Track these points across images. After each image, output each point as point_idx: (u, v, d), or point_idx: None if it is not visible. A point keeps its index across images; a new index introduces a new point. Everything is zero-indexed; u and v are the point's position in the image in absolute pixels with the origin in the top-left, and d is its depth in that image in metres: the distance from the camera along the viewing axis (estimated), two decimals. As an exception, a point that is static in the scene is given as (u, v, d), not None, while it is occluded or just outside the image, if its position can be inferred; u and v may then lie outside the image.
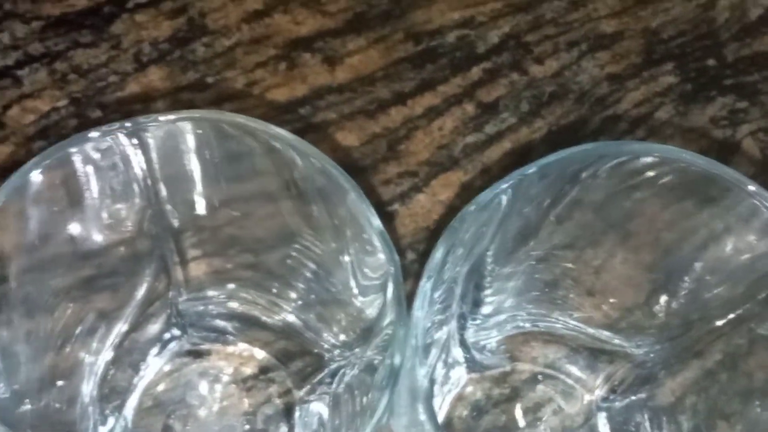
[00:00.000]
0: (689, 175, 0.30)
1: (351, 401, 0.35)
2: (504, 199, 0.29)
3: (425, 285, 0.28)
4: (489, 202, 0.28)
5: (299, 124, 0.45)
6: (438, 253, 0.28)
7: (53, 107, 0.44)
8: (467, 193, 0.44)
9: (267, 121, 0.33)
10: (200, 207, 0.37)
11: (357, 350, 0.35)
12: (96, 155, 0.30)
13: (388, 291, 0.29)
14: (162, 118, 0.30)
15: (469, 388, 0.39)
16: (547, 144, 0.45)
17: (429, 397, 0.26)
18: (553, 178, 0.30)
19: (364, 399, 0.33)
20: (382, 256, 0.29)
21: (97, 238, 0.35)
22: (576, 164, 0.29)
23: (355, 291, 0.33)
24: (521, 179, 0.28)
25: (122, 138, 0.30)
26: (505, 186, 0.27)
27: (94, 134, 0.29)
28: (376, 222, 0.29)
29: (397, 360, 0.27)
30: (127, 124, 0.30)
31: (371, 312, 0.32)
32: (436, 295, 0.31)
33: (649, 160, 0.30)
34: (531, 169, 0.28)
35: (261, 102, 0.45)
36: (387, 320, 0.30)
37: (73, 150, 0.30)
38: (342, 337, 0.37)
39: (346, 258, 0.33)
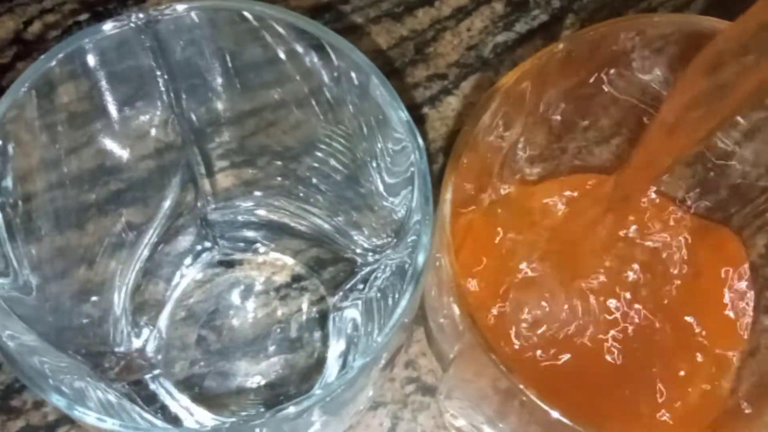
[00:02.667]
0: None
1: (384, 305, 0.35)
2: (528, 85, 0.27)
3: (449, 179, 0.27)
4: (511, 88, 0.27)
5: (324, 29, 0.44)
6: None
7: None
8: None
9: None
10: (225, 116, 0.36)
11: (388, 252, 0.34)
12: (111, 52, 0.29)
13: (414, 184, 0.28)
14: (178, 7, 0.29)
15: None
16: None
17: (459, 285, 0.25)
18: (582, 58, 0.28)
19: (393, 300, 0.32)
20: (408, 147, 0.28)
21: (124, 150, 0.35)
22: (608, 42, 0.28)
23: (384, 191, 0.32)
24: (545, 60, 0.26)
25: (135, 32, 0.29)
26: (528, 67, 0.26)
27: (107, 26, 0.28)
28: (402, 113, 0.28)
29: (420, 258, 0.26)
30: (140, 15, 0.29)
31: (401, 211, 0.31)
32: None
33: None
34: (559, 46, 0.26)
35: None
36: (415, 218, 0.29)
37: (85, 43, 0.29)
38: (374, 240, 0.36)
39: (374, 157, 0.32)
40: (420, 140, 0.27)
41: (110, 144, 0.34)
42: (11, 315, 0.27)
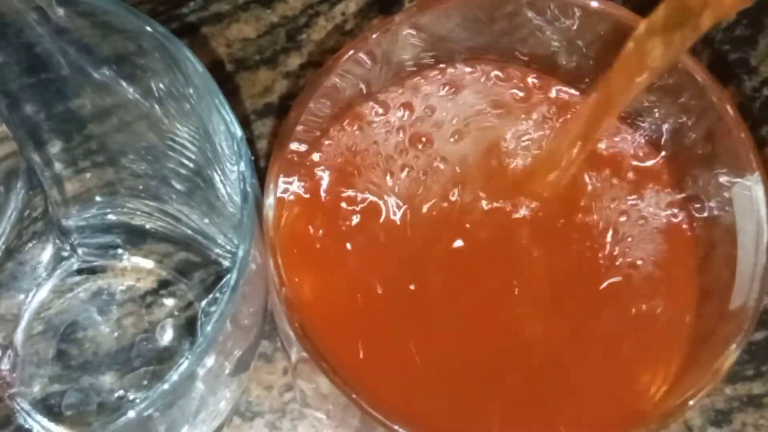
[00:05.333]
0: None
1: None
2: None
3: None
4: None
5: (191, 18, 0.42)
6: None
7: None
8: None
9: (155, 17, 0.29)
10: (69, 117, 0.34)
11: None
12: None
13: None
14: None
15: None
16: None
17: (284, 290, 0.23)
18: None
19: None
20: (234, 144, 0.26)
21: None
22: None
23: (225, 194, 0.30)
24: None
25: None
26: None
27: None
28: (223, 110, 0.26)
29: (240, 254, 0.24)
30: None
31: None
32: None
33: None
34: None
35: (149, -4, 0.42)
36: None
37: None
38: (235, 241, 0.34)
39: (215, 157, 0.30)
40: (238, 131, 0.25)
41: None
42: None
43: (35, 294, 0.37)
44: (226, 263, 0.36)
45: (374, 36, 0.26)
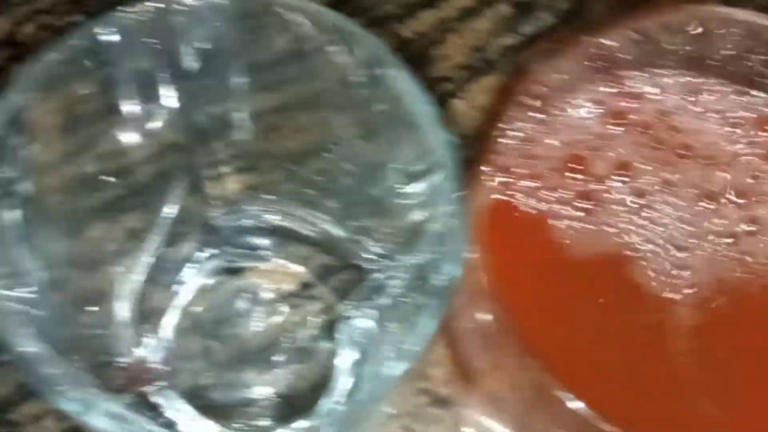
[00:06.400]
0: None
1: (401, 314, 0.33)
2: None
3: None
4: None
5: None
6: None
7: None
8: (506, 96, 0.41)
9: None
10: (234, 116, 0.35)
11: (404, 258, 0.33)
12: (116, 46, 0.28)
13: (436, 180, 0.27)
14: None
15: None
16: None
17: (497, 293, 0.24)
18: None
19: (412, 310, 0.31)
20: (432, 143, 0.26)
21: (125, 153, 0.34)
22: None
23: (401, 193, 0.31)
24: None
25: (143, 24, 0.28)
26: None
27: (113, 18, 0.27)
28: (426, 106, 0.27)
29: (450, 268, 0.25)
30: (150, 6, 0.27)
31: (417, 212, 0.30)
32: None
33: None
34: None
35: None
36: (436, 218, 0.28)
37: (87, 36, 0.27)
38: (388, 245, 0.35)
39: (392, 157, 0.31)
40: (448, 133, 0.26)
41: (111, 147, 0.33)
42: (24, 323, 0.25)
43: (183, 290, 0.38)
44: (369, 266, 0.37)
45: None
